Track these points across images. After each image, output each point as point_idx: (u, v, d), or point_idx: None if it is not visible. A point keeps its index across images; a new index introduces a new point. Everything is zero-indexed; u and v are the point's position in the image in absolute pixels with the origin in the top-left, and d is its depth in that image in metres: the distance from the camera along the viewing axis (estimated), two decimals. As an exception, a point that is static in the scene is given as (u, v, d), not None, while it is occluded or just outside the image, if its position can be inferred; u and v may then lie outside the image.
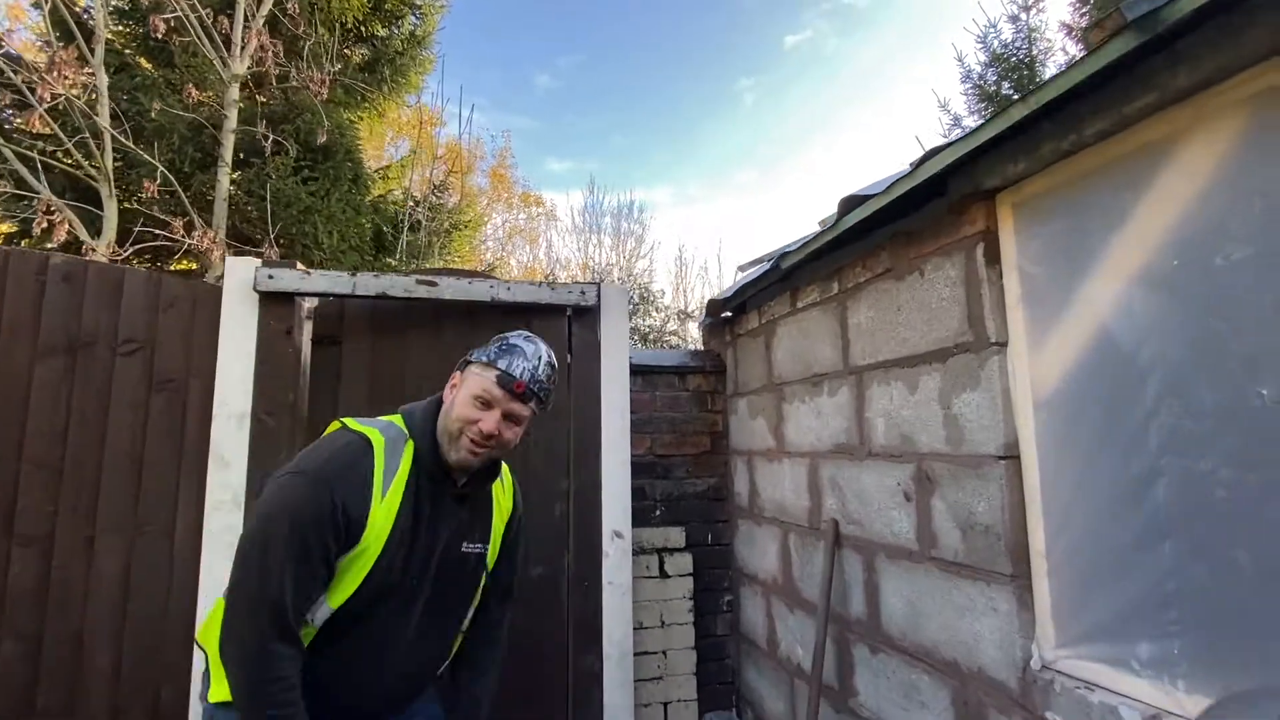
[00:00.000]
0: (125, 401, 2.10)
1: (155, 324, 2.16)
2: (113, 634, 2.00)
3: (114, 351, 2.11)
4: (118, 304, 2.14)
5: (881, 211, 1.66)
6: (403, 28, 7.65)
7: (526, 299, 2.39)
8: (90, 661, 1.98)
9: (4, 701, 1.90)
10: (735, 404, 2.84)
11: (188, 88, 5.07)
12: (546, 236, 15.57)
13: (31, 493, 2.00)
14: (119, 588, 2.02)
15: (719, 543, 2.83)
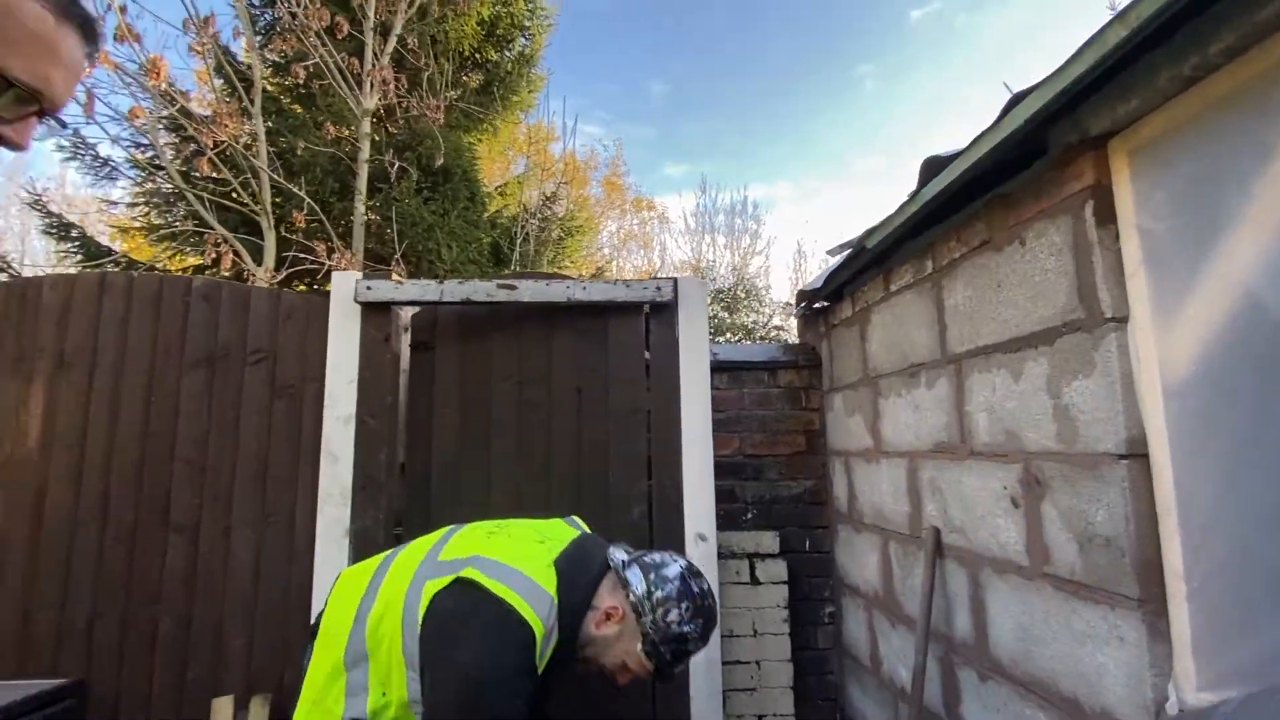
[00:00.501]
0: (253, 406, 2.35)
1: (276, 336, 2.40)
2: (246, 617, 2.24)
3: (244, 362, 2.38)
4: (246, 319, 2.40)
5: (974, 175, 1.45)
6: (513, 49, 8.05)
7: (602, 298, 2.38)
8: (229, 641, 2.23)
9: (164, 671, 2.20)
10: (831, 400, 2.64)
11: (326, 125, 5.66)
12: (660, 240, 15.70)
13: (182, 488, 2.29)
14: (251, 574, 2.26)
15: (818, 550, 2.64)
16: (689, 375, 2.40)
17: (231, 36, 5.77)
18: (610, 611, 1.33)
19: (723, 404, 2.72)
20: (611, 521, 2.29)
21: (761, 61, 24.54)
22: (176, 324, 2.38)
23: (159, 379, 2.35)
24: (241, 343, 2.39)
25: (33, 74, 0.60)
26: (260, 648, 2.22)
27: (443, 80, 6.43)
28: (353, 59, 5.71)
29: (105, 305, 2.38)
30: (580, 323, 2.44)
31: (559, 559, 1.34)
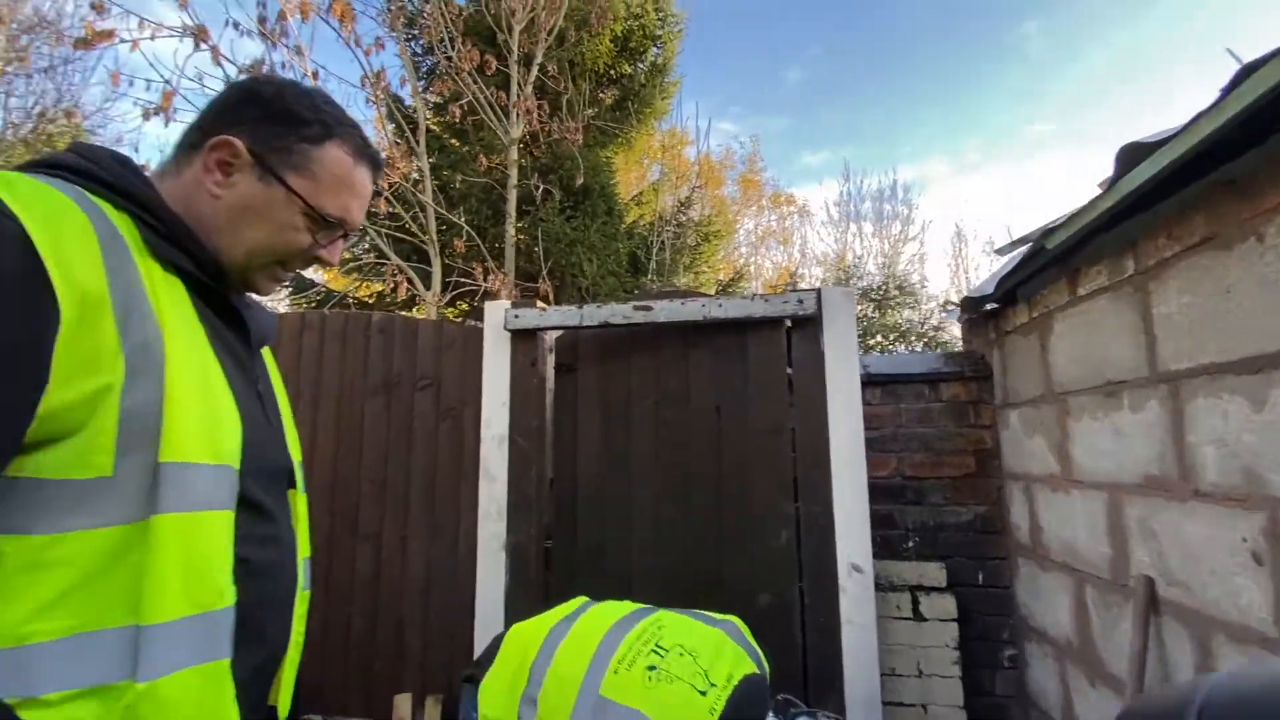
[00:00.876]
0: (422, 428, 2.58)
1: (440, 363, 2.62)
2: (421, 620, 2.46)
3: (414, 387, 2.62)
4: (415, 349, 2.64)
5: (1190, 159, 1.20)
6: (646, 61, 8.19)
7: (739, 314, 2.31)
8: (408, 641, 2.46)
9: (356, 665, 2.48)
10: (1005, 417, 2.34)
11: (480, 157, 6.13)
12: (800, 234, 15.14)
13: (367, 502, 2.57)
14: (424, 581, 2.48)
15: (994, 584, 2.36)
16: (837, 391, 2.25)
17: (399, 84, 6.44)
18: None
19: (877, 421, 2.52)
20: (755, 545, 2.22)
21: (907, 31, 22.75)
22: (359, 355, 2.68)
23: (346, 404, 2.65)
24: (411, 370, 2.63)
25: (339, 208, 0.78)
26: (433, 649, 2.43)
27: (580, 101, 6.69)
28: (500, 92, 6.12)
29: (305, 340, 2.75)
30: (718, 340, 2.39)
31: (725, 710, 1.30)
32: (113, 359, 0.58)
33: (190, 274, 0.70)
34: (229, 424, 0.69)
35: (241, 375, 0.76)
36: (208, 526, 0.64)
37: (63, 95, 8.95)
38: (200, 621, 0.62)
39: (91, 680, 0.57)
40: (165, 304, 0.65)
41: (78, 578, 0.57)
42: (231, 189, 0.74)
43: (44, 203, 0.57)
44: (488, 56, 5.78)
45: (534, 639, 1.51)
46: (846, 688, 2.07)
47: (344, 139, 0.78)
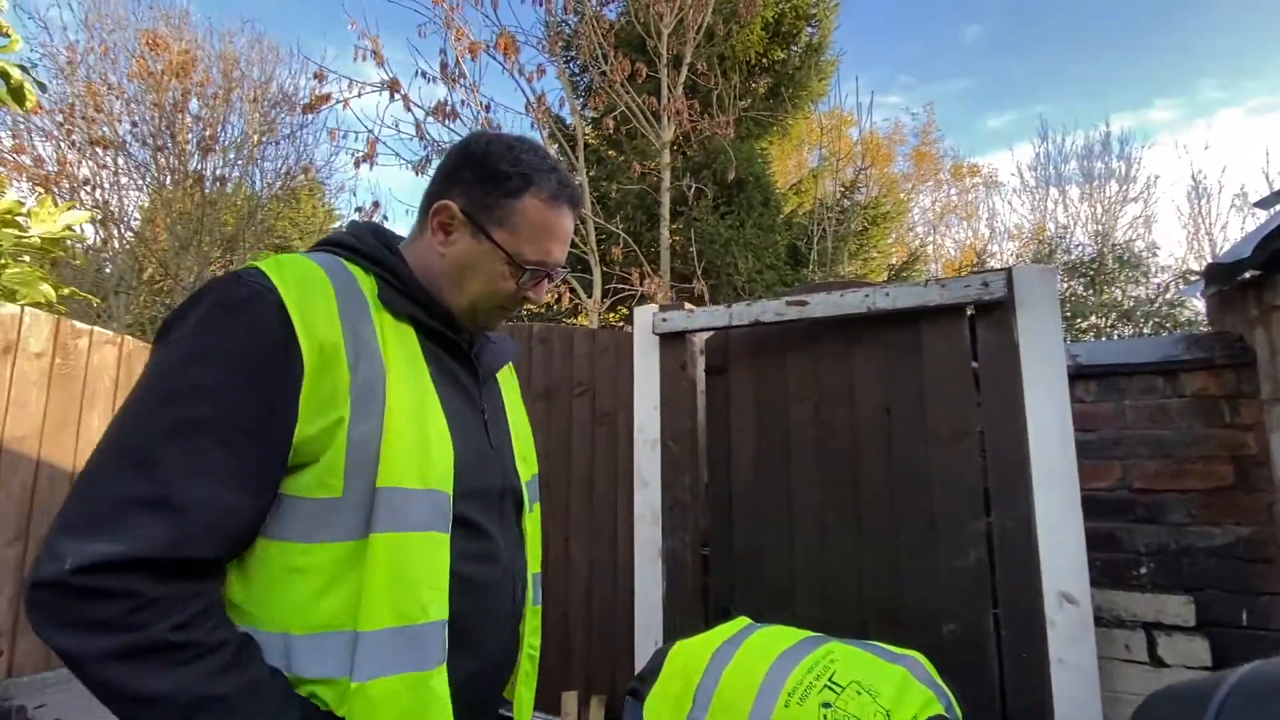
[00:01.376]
0: (579, 433, 2.65)
1: (594, 370, 2.67)
2: (585, 620, 2.52)
3: (571, 394, 2.70)
4: (571, 356, 2.73)
5: None
6: (800, 43, 7.82)
7: (910, 303, 2.05)
8: (573, 638, 2.54)
9: (529, 654, 2.61)
10: (1278, 415, 1.82)
11: (633, 165, 6.27)
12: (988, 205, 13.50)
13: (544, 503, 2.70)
14: (586, 583, 2.55)
15: (1265, 626, 1.84)
16: (1036, 386, 1.91)
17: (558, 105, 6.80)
18: None
19: (1092, 421, 2.10)
20: (937, 565, 1.96)
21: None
22: (524, 365, 2.83)
23: (513, 410, 2.81)
24: (568, 377, 2.72)
25: (538, 254, 0.84)
26: (596, 650, 2.48)
27: (731, 95, 6.55)
28: (650, 98, 6.21)
29: (476, 351, 2.96)
30: (886, 334, 2.15)
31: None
32: (344, 397, 0.70)
33: (420, 321, 0.81)
34: (441, 452, 0.76)
35: (466, 405, 0.85)
36: (415, 546, 0.71)
37: (300, 156, 10.75)
38: (403, 634, 0.69)
39: (328, 673, 0.68)
40: (393, 349, 0.76)
41: (323, 583, 0.68)
42: (452, 247, 0.84)
43: (299, 276, 0.71)
44: (638, 65, 5.89)
45: (699, 660, 1.48)
46: (1060, 742, 1.74)
47: (541, 186, 0.84)
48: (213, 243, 9.61)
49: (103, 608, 0.59)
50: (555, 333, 2.80)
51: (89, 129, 8.89)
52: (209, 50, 10.29)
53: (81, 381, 2.61)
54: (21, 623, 2.43)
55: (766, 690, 1.32)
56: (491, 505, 0.84)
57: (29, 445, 2.43)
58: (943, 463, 2.01)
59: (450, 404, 0.80)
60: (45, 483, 2.48)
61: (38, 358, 2.50)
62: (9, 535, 2.39)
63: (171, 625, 0.60)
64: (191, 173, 9.52)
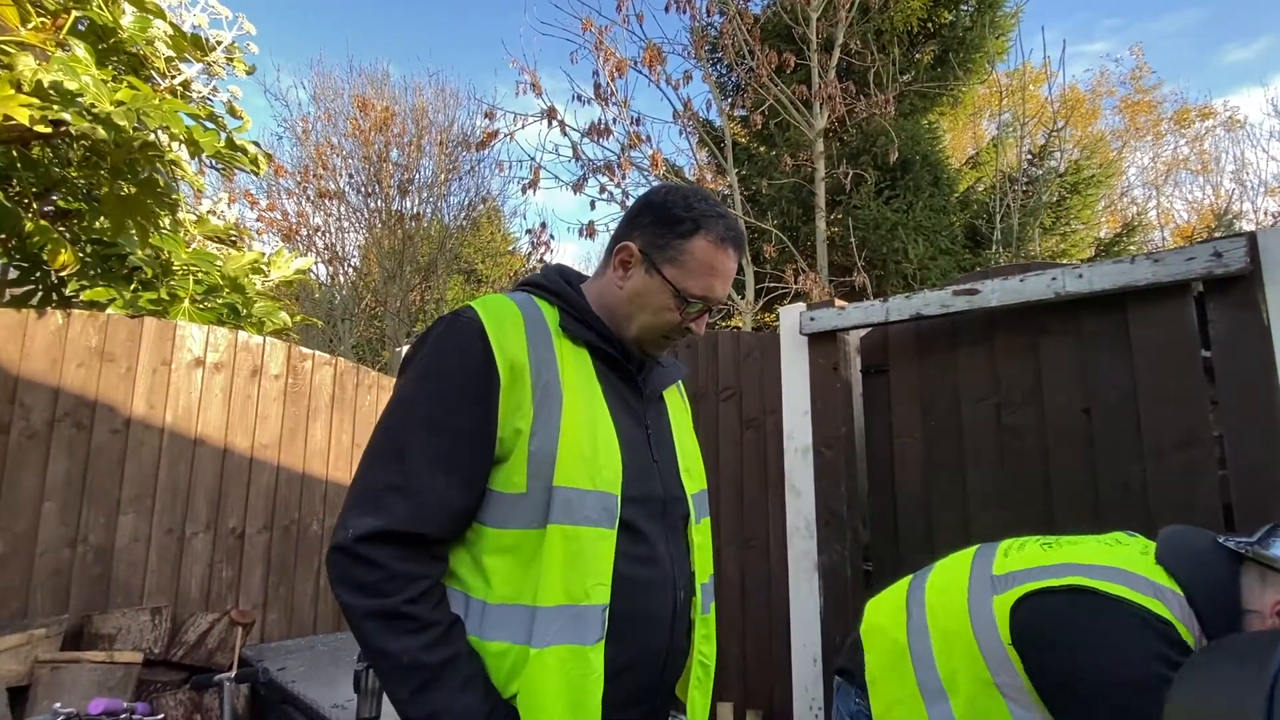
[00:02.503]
0: (727, 438, 2.60)
1: (739, 373, 2.60)
2: (738, 629, 2.46)
3: (717, 397, 2.66)
4: (716, 360, 2.68)
5: None
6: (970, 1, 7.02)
7: (1112, 284, 1.72)
8: (726, 647, 2.48)
9: (686, 661, 2.60)
10: None
11: (784, 158, 6.05)
12: (1234, 156, 11.02)
13: (685, 508, 2.70)
14: (739, 590, 2.48)
15: None
16: (1298, 380, 1.50)
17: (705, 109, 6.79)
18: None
19: (1392, 421, 1.60)
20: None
21: None
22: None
23: (662, 416, 2.84)
24: (714, 381, 2.67)
25: (702, 289, 0.93)
26: (751, 660, 2.40)
27: (890, 70, 6.06)
28: (800, 86, 5.96)
29: (626, 359, 3.04)
30: (1082, 321, 1.83)
31: (1160, 555, 1.08)
32: (528, 407, 0.84)
33: (595, 346, 0.94)
34: (609, 459, 0.87)
35: (632, 421, 0.95)
36: (584, 539, 0.83)
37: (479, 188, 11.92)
38: (570, 611, 0.81)
39: (512, 639, 0.81)
40: (569, 368, 0.89)
41: (513, 563, 0.83)
42: (629, 281, 0.96)
43: (496, 307, 0.88)
44: (786, 55, 5.69)
45: (901, 593, 1.36)
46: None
47: (709, 229, 0.94)
48: (413, 272, 11.01)
49: (366, 573, 0.78)
50: (701, 336, 2.77)
51: (318, 184, 10.64)
52: (404, 104, 11.79)
53: (307, 397, 3.11)
54: (270, 596, 2.95)
55: (979, 560, 1.25)
56: (654, 513, 0.92)
57: (271, 452, 2.95)
58: (1164, 477, 1.65)
59: (618, 418, 0.91)
60: (283, 483, 2.99)
61: (276, 379, 3.01)
62: (259, 525, 2.92)
63: (405, 599, 0.77)
64: (394, 213, 10.98)
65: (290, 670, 2.45)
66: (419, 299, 11.27)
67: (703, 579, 1.00)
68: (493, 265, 13.40)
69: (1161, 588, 1.03)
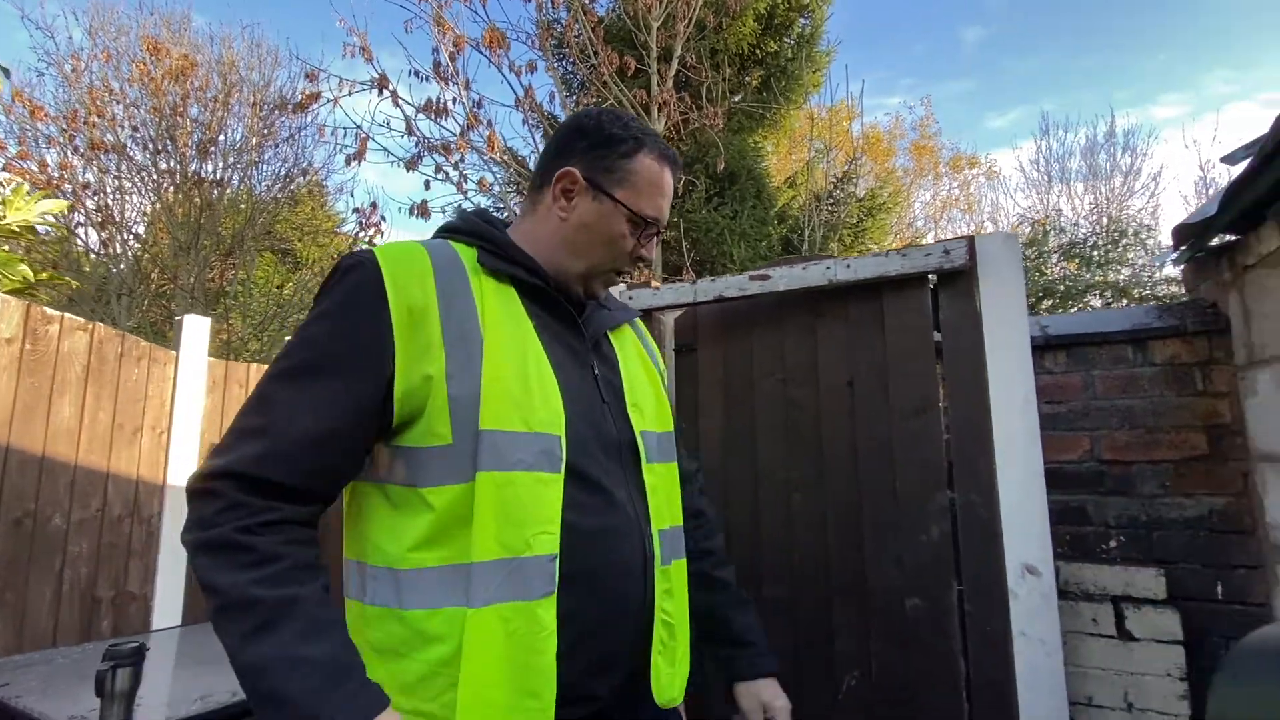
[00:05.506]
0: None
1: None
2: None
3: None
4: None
5: None
6: (793, 34, 7.77)
7: (872, 274, 2.01)
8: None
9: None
10: (1252, 380, 1.77)
11: (623, 157, 6.24)
12: (990, 200, 13.36)
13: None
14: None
15: (1241, 600, 1.79)
16: (999, 356, 1.87)
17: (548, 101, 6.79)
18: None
19: (1060, 392, 2.06)
20: (902, 541, 1.91)
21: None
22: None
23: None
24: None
25: (654, 209, 0.91)
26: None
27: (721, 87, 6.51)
28: (640, 91, 6.19)
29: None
30: (851, 307, 2.11)
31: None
32: (439, 350, 0.76)
33: (521, 281, 0.87)
34: (544, 399, 0.80)
35: (575, 362, 0.88)
36: (519, 484, 0.75)
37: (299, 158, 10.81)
38: (508, 565, 0.74)
39: (445, 603, 0.73)
40: (491, 306, 0.81)
41: (449, 521, 0.75)
42: (574, 211, 0.89)
43: (396, 250, 0.81)
44: (627, 58, 5.87)
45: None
46: (1022, 714, 1.69)
47: (651, 146, 0.91)
48: (213, 245, 9.69)
49: (201, 507, 0.71)
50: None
51: (90, 134, 8.98)
52: (208, 55, 10.37)
53: (52, 368, 2.61)
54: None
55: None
56: (610, 456, 0.86)
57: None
58: (905, 438, 1.96)
59: (555, 357, 0.84)
60: (14, 468, 2.48)
61: (8, 343, 2.50)
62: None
63: (237, 527, 0.68)
64: (191, 176, 9.59)
65: (18, 685, 2.04)
66: (219, 277, 9.95)
67: (660, 525, 0.89)
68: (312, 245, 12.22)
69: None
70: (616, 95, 6.05)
